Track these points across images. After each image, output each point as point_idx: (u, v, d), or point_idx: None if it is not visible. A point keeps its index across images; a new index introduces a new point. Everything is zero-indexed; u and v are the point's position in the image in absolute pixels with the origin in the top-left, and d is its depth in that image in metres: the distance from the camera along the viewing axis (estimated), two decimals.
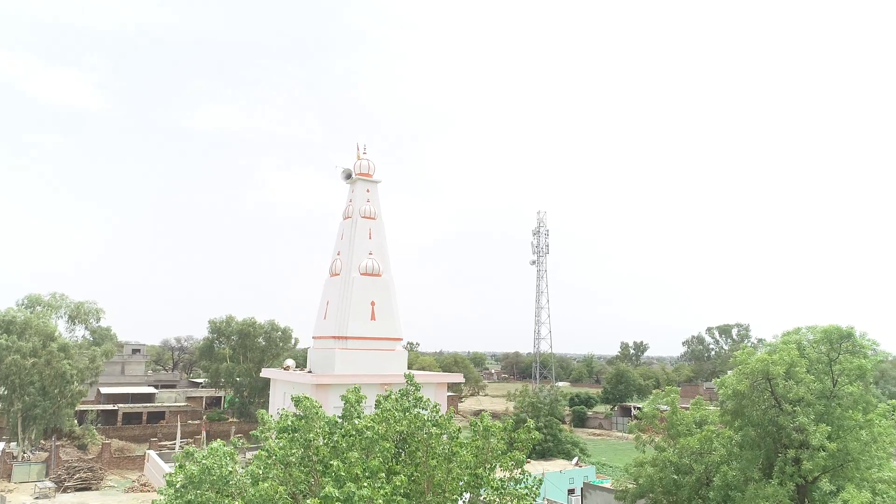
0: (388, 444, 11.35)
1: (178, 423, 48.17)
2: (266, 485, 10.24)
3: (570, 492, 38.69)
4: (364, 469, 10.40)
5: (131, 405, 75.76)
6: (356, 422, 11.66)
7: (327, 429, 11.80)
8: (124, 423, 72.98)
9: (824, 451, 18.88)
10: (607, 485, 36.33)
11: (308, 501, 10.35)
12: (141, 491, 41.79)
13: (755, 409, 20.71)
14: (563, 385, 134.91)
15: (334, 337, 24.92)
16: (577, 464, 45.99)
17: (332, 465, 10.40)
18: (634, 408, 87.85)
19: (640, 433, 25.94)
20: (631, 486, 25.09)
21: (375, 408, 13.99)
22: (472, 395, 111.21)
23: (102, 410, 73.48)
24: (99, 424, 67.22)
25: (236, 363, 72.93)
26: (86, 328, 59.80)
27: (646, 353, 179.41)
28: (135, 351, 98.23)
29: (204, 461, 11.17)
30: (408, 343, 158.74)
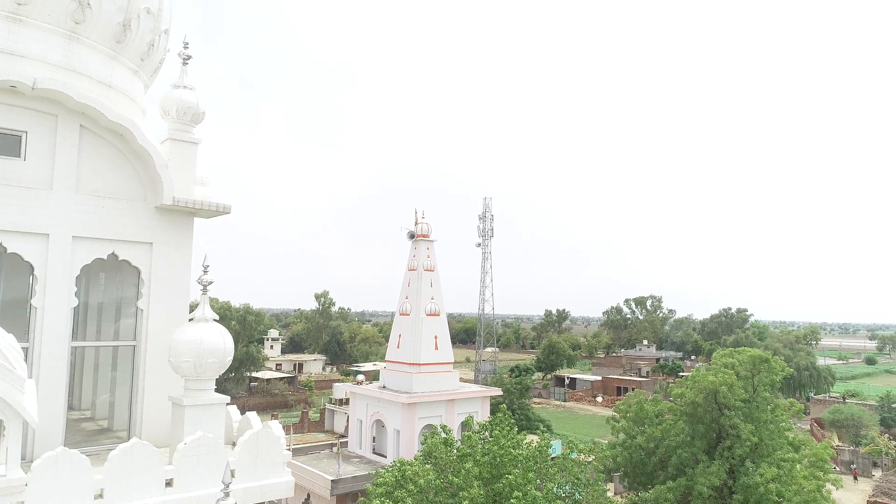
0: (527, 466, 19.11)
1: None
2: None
3: None
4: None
5: None
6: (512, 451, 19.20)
7: (488, 455, 19.35)
8: None
9: (749, 441, 28.23)
10: (575, 457, 45.27)
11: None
12: None
13: (705, 412, 29.90)
14: (491, 350, 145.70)
15: (409, 363, 32.19)
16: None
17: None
18: (568, 377, 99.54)
19: (615, 423, 34.86)
20: (609, 463, 34.05)
21: (479, 435, 21.50)
22: None
23: None
24: None
25: None
26: None
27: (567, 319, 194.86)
28: None
29: None
30: (339, 308, 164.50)
